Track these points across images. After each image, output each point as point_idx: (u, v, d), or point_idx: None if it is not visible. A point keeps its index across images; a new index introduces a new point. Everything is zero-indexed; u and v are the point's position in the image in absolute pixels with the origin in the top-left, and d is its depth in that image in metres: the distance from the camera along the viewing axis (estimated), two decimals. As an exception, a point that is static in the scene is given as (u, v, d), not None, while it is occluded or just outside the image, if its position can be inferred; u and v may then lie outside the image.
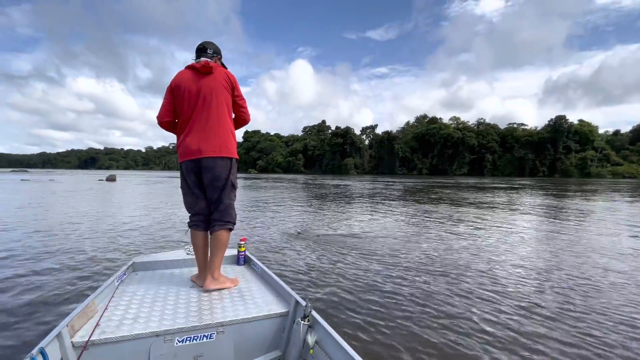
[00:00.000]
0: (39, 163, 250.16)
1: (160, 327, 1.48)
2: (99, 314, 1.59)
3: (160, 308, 1.68)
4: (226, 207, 2.06)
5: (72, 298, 2.72)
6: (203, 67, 2.01)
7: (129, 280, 2.11)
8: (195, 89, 1.99)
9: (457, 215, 8.10)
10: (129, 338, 1.41)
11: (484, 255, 4.27)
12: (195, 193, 2.06)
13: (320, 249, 4.52)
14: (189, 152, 1.98)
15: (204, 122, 1.99)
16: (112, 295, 1.82)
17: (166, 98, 2.05)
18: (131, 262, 2.32)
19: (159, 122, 2.08)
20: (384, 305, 2.67)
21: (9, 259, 3.76)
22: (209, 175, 1.99)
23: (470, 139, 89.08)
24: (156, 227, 6.06)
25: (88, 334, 1.38)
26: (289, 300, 1.74)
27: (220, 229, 2.03)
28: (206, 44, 2.16)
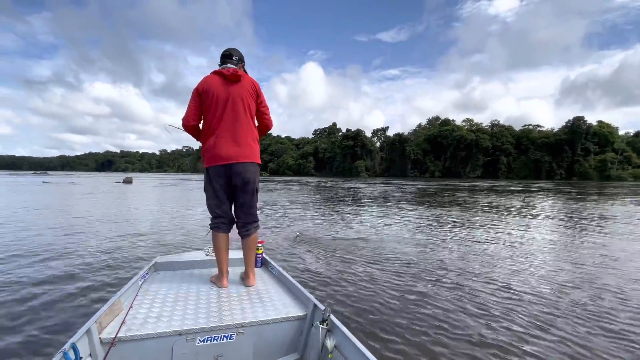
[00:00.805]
0: (59, 166, 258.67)
1: (183, 326, 1.51)
2: (125, 311, 1.65)
3: (182, 307, 1.72)
4: (253, 210, 2.17)
5: (99, 295, 2.80)
6: (232, 75, 2.05)
7: (151, 279, 2.18)
8: (224, 96, 2.03)
9: (472, 220, 7.96)
10: (153, 336, 1.45)
11: (500, 263, 4.12)
12: (220, 197, 2.11)
13: (329, 253, 4.48)
14: (219, 158, 2.02)
15: (233, 129, 2.04)
16: (137, 294, 1.89)
17: (193, 102, 2.07)
18: (153, 262, 2.39)
19: (185, 125, 2.10)
20: (397, 311, 2.63)
21: (41, 258, 3.89)
22: (240, 180, 2.05)
23: (484, 141, 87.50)
24: (175, 228, 6.16)
25: (115, 330, 1.44)
26: (307, 304, 1.75)
27: (254, 231, 2.18)
28: (232, 51, 2.21)
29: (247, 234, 2.17)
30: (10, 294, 2.81)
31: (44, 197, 13.37)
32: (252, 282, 2.11)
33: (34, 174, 65.27)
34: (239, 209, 2.15)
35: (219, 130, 2.04)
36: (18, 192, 15.67)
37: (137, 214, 8.21)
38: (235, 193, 2.13)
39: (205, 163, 2.09)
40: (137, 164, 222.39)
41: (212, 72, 2.12)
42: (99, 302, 2.66)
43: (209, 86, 2.04)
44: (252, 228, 2.17)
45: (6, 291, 2.86)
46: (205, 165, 2.09)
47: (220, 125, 2.04)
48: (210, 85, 2.04)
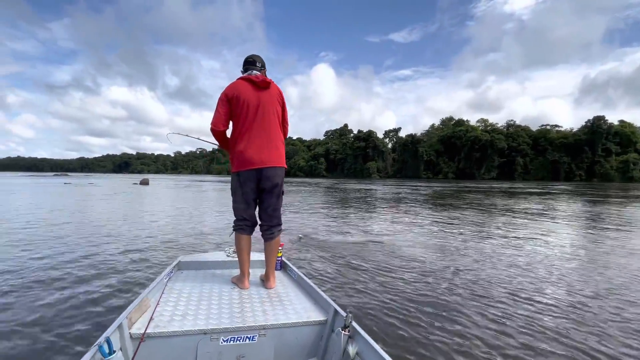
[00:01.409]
0: (78, 167, 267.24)
1: (207, 325, 1.55)
2: (152, 308, 1.70)
3: (206, 307, 1.77)
4: (278, 213, 2.21)
5: (127, 291, 2.88)
6: (262, 82, 2.11)
7: (175, 277, 2.25)
8: (255, 102, 2.08)
9: (490, 224, 7.80)
10: (179, 334, 1.50)
11: (520, 271, 3.95)
12: (248, 200, 2.15)
13: (336, 257, 4.44)
14: (250, 162, 2.06)
15: (263, 134, 2.09)
16: (162, 292, 1.95)
17: (223, 107, 2.09)
18: (177, 261, 2.46)
19: (214, 130, 2.12)
20: (411, 321, 2.59)
21: (70, 258, 4.03)
22: (269, 184, 2.10)
23: (500, 142, 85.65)
24: (194, 229, 6.27)
25: (144, 326, 1.50)
26: (327, 309, 1.75)
27: (277, 235, 2.21)
28: (255, 57, 2.26)
29: (270, 237, 2.20)
30: (48, 289, 2.92)
31: (68, 198, 13.82)
32: (272, 285, 2.15)
33: (55, 175, 67.58)
34: (264, 212, 2.19)
35: (249, 135, 2.08)
36: (44, 194, 16.25)
37: (158, 215, 8.39)
38: (261, 196, 2.18)
39: (234, 167, 2.13)
40: (153, 165, 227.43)
41: (240, 79, 2.15)
42: (125, 297, 2.74)
43: (239, 92, 2.07)
44: (276, 231, 2.21)
45: (45, 287, 2.98)
46: (235, 169, 2.12)
47: (250, 130, 2.08)
48: (240, 91, 2.08)
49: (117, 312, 2.53)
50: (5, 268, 3.60)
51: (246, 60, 2.26)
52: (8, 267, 3.66)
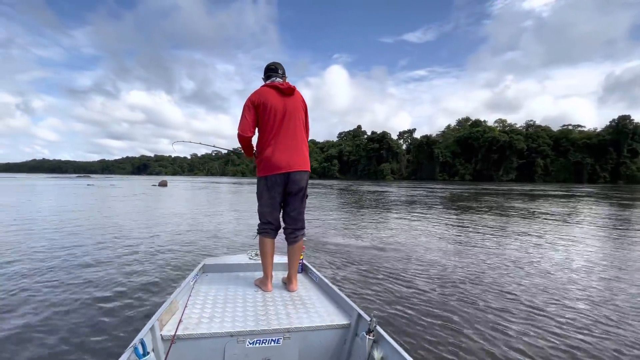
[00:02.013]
0: (99, 169, 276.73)
1: (234, 328, 1.59)
2: (180, 310, 1.74)
3: (232, 309, 1.81)
4: (302, 216, 2.25)
5: (155, 292, 2.94)
6: (288, 89, 2.17)
7: (201, 280, 2.30)
8: (281, 108, 2.13)
9: (512, 229, 7.57)
10: (207, 336, 1.54)
11: (545, 282, 3.77)
12: (274, 204, 2.20)
13: (348, 262, 4.39)
14: (278, 167, 2.10)
15: (290, 139, 2.14)
16: (190, 294, 2.00)
17: (250, 114, 2.13)
18: (202, 264, 2.52)
19: (242, 136, 2.15)
20: (428, 332, 2.52)
21: (99, 259, 4.16)
22: (296, 188, 2.15)
23: (519, 142, 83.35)
24: (215, 230, 6.37)
25: (174, 328, 1.54)
26: (351, 313, 1.75)
27: (301, 238, 2.25)
28: (277, 65, 2.31)
29: (294, 240, 2.23)
30: (81, 289, 3.02)
31: (92, 200, 14.32)
32: (294, 288, 2.17)
33: (78, 177, 70.18)
34: (289, 215, 2.22)
35: (276, 140, 2.12)
36: (70, 195, 16.89)
37: (179, 217, 8.56)
38: (286, 200, 2.21)
39: (261, 172, 2.16)
40: (170, 167, 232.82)
41: (265, 86, 2.20)
42: (154, 298, 2.79)
43: (266, 99, 2.12)
44: (300, 235, 2.24)
45: (78, 287, 3.09)
46: (262, 174, 2.15)
47: (277, 136, 2.13)
48: (266, 98, 2.12)
49: (145, 312, 2.60)
50: (37, 268, 3.75)
51: (268, 68, 2.32)
52: (40, 267, 3.80)
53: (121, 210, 10.13)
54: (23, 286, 3.15)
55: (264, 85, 2.23)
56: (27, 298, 2.86)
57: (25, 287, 3.13)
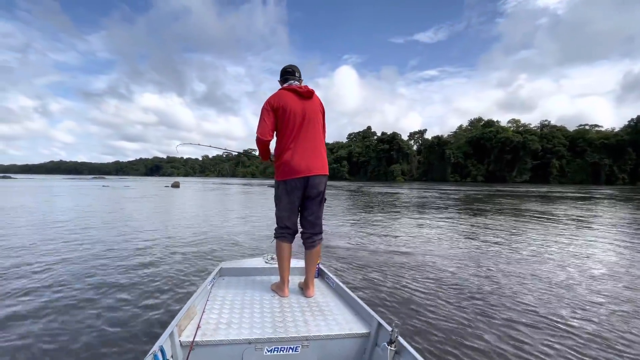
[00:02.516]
0: (113, 170, 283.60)
1: (252, 335, 1.57)
2: (198, 315, 1.74)
3: (249, 315, 1.80)
4: (320, 220, 2.23)
5: (174, 295, 2.92)
6: (307, 92, 2.16)
7: (218, 284, 2.31)
8: (301, 112, 2.12)
9: (531, 234, 7.33)
10: (226, 343, 1.53)
11: (561, 292, 3.60)
12: (293, 209, 2.17)
13: (354, 267, 4.31)
14: (297, 171, 2.08)
15: (309, 143, 2.12)
16: (207, 299, 2.00)
17: (269, 118, 2.11)
18: (219, 267, 2.52)
19: (262, 140, 2.12)
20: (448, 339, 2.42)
21: (118, 262, 4.19)
22: (315, 191, 2.13)
23: (533, 143, 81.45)
24: (230, 233, 6.37)
25: (192, 334, 1.54)
26: (370, 321, 1.71)
27: (319, 243, 2.22)
28: (294, 68, 2.30)
29: (312, 245, 2.21)
30: (99, 292, 3.04)
31: (108, 201, 14.60)
32: (311, 294, 2.15)
33: (93, 178, 71.77)
34: (307, 219, 2.20)
35: (295, 144, 2.11)
36: (87, 196, 17.27)
37: (192, 218, 8.64)
38: (304, 204, 2.19)
39: (281, 176, 2.14)
40: (182, 168, 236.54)
41: (284, 89, 2.18)
42: (170, 301, 2.78)
43: (285, 102, 2.10)
44: (317, 240, 2.21)
45: (98, 290, 3.10)
46: (281, 178, 2.13)
47: (297, 139, 2.11)
48: (285, 101, 2.11)
49: (163, 315, 2.59)
50: (52, 270, 3.80)
51: (285, 71, 2.31)
52: (57, 269, 3.85)
53: (137, 211, 10.28)
54: (37, 288, 3.19)
55: (282, 88, 2.20)
56: (41, 302, 2.87)
57: (39, 291, 3.15)
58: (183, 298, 2.96)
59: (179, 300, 2.92)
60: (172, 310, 2.68)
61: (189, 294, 3.03)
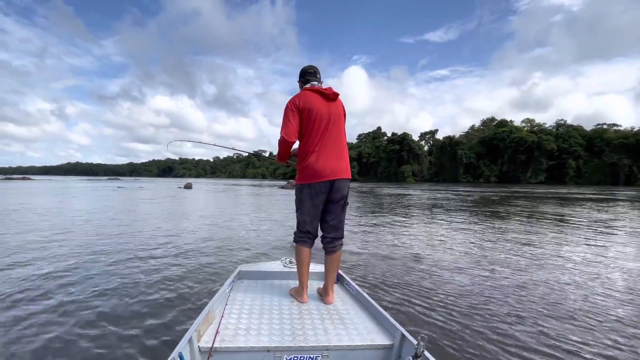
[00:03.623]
0: (127, 172, 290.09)
1: (271, 342, 1.55)
2: (217, 320, 1.73)
3: (268, 322, 1.78)
4: (342, 225, 2.20)
5: (190, 298, 2.89)
6: (333, 95, 2.14)
7: (237, 287, 2.30)
8: (327, 114, 2.09)
9: (553, 238, 7.10)
10: (244, 350, 1.51)
11: (609, 309, 3.45)
12: (316, 213, 2.14)
13: (371, 273, 4.21)
14: (323, 174, 2.05)
15: (334, 146, 2.10)
16: (226, 302, 1.98)
17: (295, 119, 2.06)
18: (237, 270, 2.51)
19: (287, 141, 2.07)
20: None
21: (137, 264, 4.22)
22: (339, 195, 2.10)
23: (548, 143, 79.48)
24: (245, 235, 6.37)
25: (210, 339, 1.52)
26: (393, 332, 1.65)
27: (340, 248, 2.18)
28: (315, 69, 2.28)
29: (333, 250, 2.16)
30: (118, 295, 3.05)
31: (123, 202, 14.85)
32: (331, 300, 2.11)
33: (108, 179, 73.51)
34: (329, 224, 2.16)
35: (320, 147, 2.07)
36: (104, 198, 17.64)
37: (206, 219, 8.69)
38: (327, 208, 2.15)
39: (304, 179, 2.10)
40: (194, 170, 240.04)
41: (309, 90, 2.14)
42: (187, 303, 2.75)
43: (311, 104, 2.06)
44: (339, 244, 2.18)
45: (116, 294, 3.11)
46: (305, 181, 2.09)
47: (322, 142, 2.08)
48: (312, 103, 2.07)
49: (181, 319, 2.56)
50: (68, 272, 3.83)
51: (307, 71, 2.27)
52: (73, 272, 3.89)
53: (152, 212, 10.41)
54: (54, 291, 3.21)
55: (305, 89, 2.17)
56: (57, 306, 2.89)
57: (57, 295, 3.17)
58: (201, 299, 2.96)
59: (196, 302, 2.91)
60: (191, 312, 2.67)
61: (209, 295, 3.04)
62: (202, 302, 2.92)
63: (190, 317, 2.60)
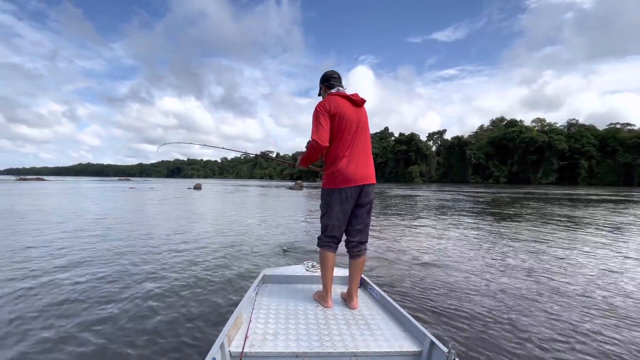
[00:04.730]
0: (137, 172, 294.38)
1: (299, 347, 1.55)
2: (245, 325, 1.76)
3: (294, 326, 1.79)
4: (368, 229, 2.23)
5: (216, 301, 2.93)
6: (362, 101, 2.21)
7: (262, 292, 2.33)
8: (355, 119, 2.14)
9: (574, 242, 6.98)
10: (273, 355, 1.52)
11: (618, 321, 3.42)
12: (345, 218, 2.16)
13: (396, 278, 4.20)
14: (354, 179, 2.08)
15: (362, 151, 2.15)
16: (253, 307, 2.01)
17: (327, 123, 2.08)
18: (262, 274, 2.54)
19: (321, 146, 2.06)
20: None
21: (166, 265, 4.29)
22: (367, 200, 2.15)
23: (559, 143, 78.10)
24: (262, 237, 6.40)
25: (240, 344, 1.54)
26: (421, 339, 1.62)
27: (364, 252, 2.21)
28: (338, 74, 2.32)
29: (358, 254, 2.18)
30: (150, 298, 3.09)
31: (138, 203, 15.06)
32: (356, 305, 2.12)
33: (119, 180, 74.65)
34: (355, 228, 2.18)
35: (351, 152, 2.10)
36: (118, 199, 17.90)
37: (219, 221, 8.76)
38: (354, 212, 2.17)
39: (334, 184, 2.11)
40: (202, 170, 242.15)
41: (335, 95, 2.18)
42: (217, 308, 2.80)
43: (342, 110, 2.10)
44: (363, 249, 2.20)
45: (147, 297, 3.17)
46: (336, 186, 2.10)
47: (352, 148, 2.11)
48: (342, 108, 2.10)
49: (209, 324, 2.58)
50: (95, 276, 3.91)
51: (331, 76, 2.30)
52: (99, 275, 3.96)
53: (166, 213, 10.53)
54: (79, 298, 3.28)
55: (333, 94, 2.19)
56: (83, 309, 2.93)
57: (83, 299, 3.23)
58: (228, 305, 2.98)
59: (224, 305, 2.94)
60: (215, 314, 2.70)
61: (233, 300, 3.05)
62: (230, 305, 2.94)
63: (217, 320, 2.63)
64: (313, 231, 7.22)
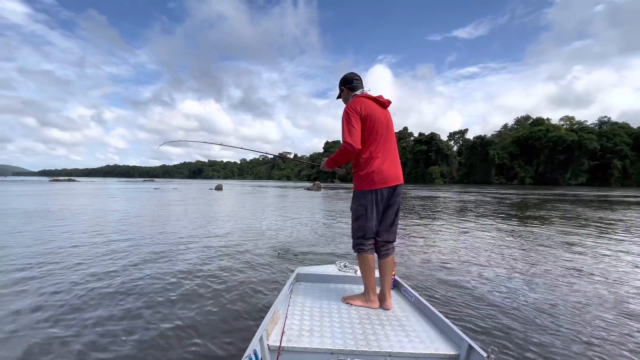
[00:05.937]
0: (160, 173, 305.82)
1: (334, 345, 1.56)
2: (282, 320, 1.80)
3: (329, 324, 1.81)
4: (396, 228, 2.26)
5: (255, 301, 2.96)
6: (388, 102, 2.26)
7: (296, 289, 2.38)
8: (384, 121, 2.18)
9: (606, 248, 6.61)
10: (310, 351, 1.54)
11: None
12: (378, 218, 2.19)
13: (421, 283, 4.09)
14: (387, 180, 2.12)
15: (392, 152, 2.20)
16: (288, 304, 2.06)
17: (359, 126, 2.08)
18: (296, 272, 2.60)
19: (355, 149, 2.04)
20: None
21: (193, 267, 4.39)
22: (398, 199, 2.20)
23: (590, 142, 74.24)
24: (290, 238, 6.43)
25: (277, 339, 1.58)
26: (458, 342, 1.60)
27: (392, 251, 2.23)
28: (360, 76, 2.34)
29: (387, 254, 2.20)
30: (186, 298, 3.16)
31: (164, 204, 15.57)
32: (389, 305, 2.11)
33: (144, 181, 77.34)
34: (385, 228, 2.20)
35: (381, 153, 2.13)
36: (145, 200, 18.59)
37: (245, 222, 8.89)
38: (384, 212, 2.20)
39: (369, 185, 2.11)
40: (222, 171, 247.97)
41: (362, 97, 2.21)
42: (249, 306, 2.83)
43: (372, 111, 2.13)
44: (391, 248, 2.22)
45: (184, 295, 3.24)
46: (371, 187, 2.10)
47: (383, 148, 2.15)
48: (372, 110, 2.13)
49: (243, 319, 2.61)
50: (133, 277, 4.03)
51: (353, 78, 2.31)
52: (141, 275, 4.08)
53: (192, 213, 10.81)
54: (118, 299, 3.37)
55: (359, 95, 2.23)
56: (124, 313, 3.00)
57: (123, 303, 3.32)
58: (265, 302, 3.03)
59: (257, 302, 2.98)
60: (251, 311, 2.72)
61: (267, 297, 3.11)
62: (265, 302, 2.99)
63: (252, 317, 2.68)
64: (329, 234, 7.18)
